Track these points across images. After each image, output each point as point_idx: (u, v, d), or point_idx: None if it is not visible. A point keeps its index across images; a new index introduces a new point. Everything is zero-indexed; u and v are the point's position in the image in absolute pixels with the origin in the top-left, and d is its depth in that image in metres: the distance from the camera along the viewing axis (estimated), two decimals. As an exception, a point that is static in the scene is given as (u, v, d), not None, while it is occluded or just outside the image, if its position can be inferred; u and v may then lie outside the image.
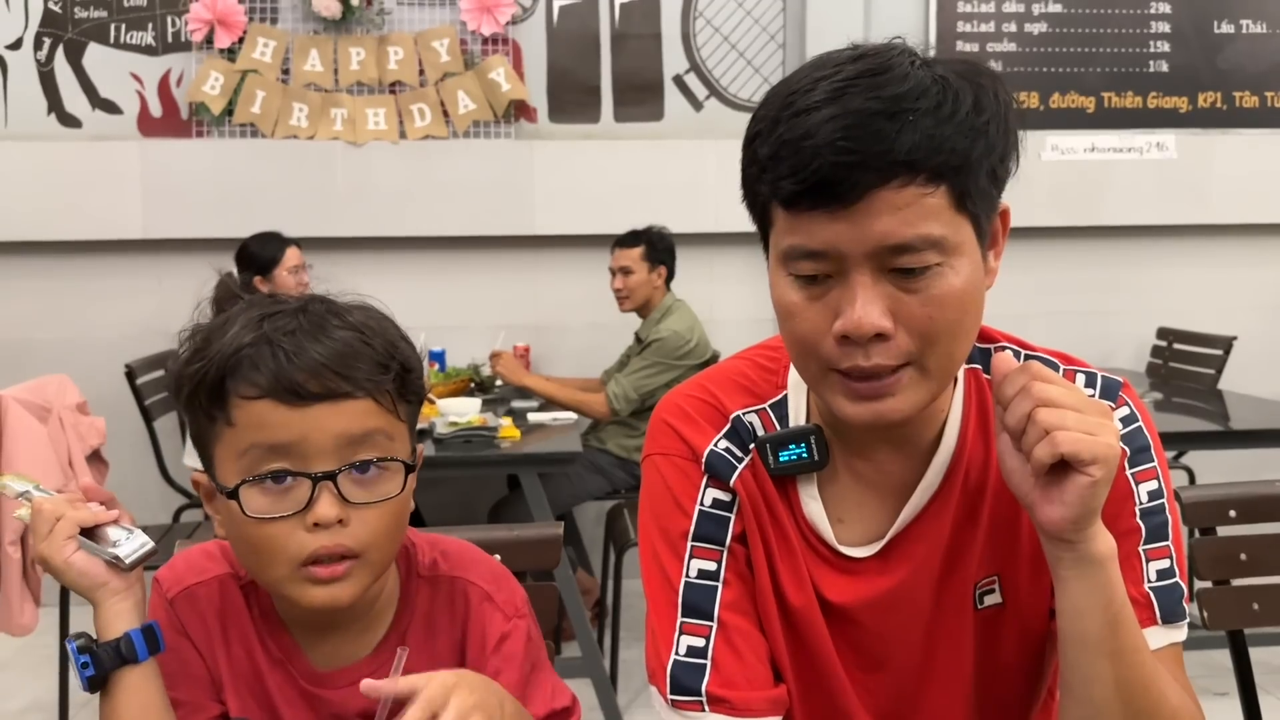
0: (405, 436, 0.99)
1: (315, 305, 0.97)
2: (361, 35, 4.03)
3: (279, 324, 0.94)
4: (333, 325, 0.95)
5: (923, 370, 0.88)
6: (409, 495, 0.98)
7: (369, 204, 4.03)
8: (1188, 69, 4.28)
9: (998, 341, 1.02)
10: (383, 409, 0.95)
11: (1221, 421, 3.42)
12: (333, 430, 0.92)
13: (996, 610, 1.00)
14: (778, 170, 0.85)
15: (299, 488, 0.92)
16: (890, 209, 0.83)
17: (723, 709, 0.95)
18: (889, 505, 0.99)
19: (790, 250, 0.88)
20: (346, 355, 0.93)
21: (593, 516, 3.99)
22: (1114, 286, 4.35)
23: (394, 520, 0.96)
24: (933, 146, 0.83)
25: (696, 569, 0.99)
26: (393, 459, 0.95)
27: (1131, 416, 0.98)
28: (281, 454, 0.92)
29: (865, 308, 0.85)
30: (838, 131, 0.82)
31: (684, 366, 3.51)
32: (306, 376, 0.91)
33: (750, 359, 1.07)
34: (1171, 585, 0.96)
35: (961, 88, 0.86)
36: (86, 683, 0.96)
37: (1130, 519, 0.96)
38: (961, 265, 0.87)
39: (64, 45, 3.98)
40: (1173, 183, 4.26)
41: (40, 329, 4.01)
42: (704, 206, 4.09)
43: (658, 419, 1.05)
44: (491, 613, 1.03)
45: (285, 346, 0.92)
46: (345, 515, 0.92)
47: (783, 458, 0.98)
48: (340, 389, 0.92)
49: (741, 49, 4.22)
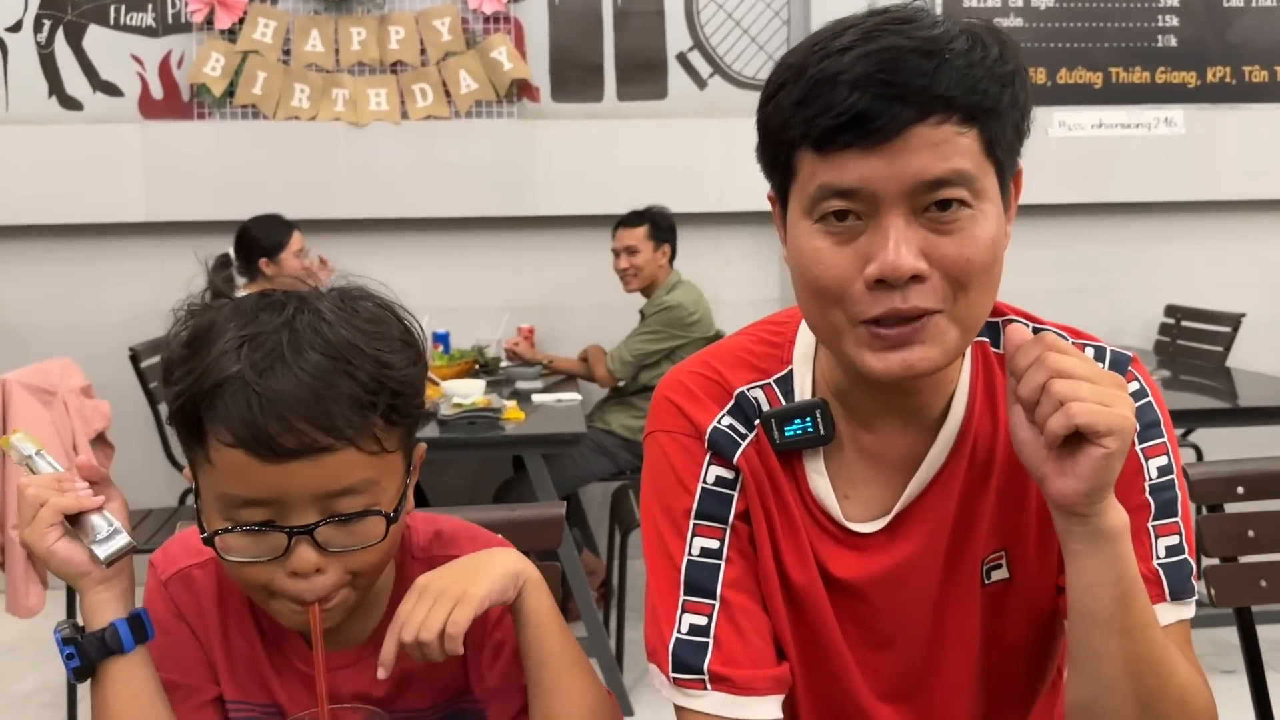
0: (396, 470, 0.94)
1: (302, 319, 0.89)
2: (362, 15, 4.00)
3: (258, 355, 0.87)
4: (315, 351, 0.87)
5: (953, 319, 0.86)
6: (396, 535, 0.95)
7: (371, 185, 4.01)
8: (1196, 43, 4.24)
9: (1006, 315, 1.01)
10: (366, 454, 0.89)
11: (1229, 399, 3.40)
12: (310, 484, 0.87)
13: (1003, 585, 0.99)
14: (810, 109, 0.84)
15: (276, 536, 0.89)
16: (927, 145, 0.82)
17: (725, 687, 0.95)
18: (895, 480, 0.98)
19: (820, 190, 0.85)
20: (326, 399, 0.86)
21: (598, 497, 3.99)
22: (1121, 263, 4.32)
23: (378, 558, 0.93)
24: (967, 86, 0.83)
25: (699, 547, 0.98)
26: (373, 510, 0.90)
27: (1141, 391, 0.97)
28: (258, 505, 0.88)
29: (901, 248, 0.83)
30: (875, 66, 0.82)
31: (685, 338, 3.55)
32: (281, 429, 0.85)
33: (754, 334, 1.05)
34: (1180, 562, 0.95)
35: (987, 38, 0.86)
36: (73, 673, 0.94)
37: (1140, 494, 0.95)
38: (990, 211, 0.86)
39: (64, 27, 3.96)
40: (1181, 159, 4.23)
41: (43, 313, 4.01)
42: (708, 186, 4.08)
43: (660, 396, 1.04)
44: None
45: (260, 390, 0.85)
46: (324, 562, 0.89)
47: (788, 432, 0.97)
48: (318, 443, 0.86)
49: (746, 26, 4.18)
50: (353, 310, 0.93)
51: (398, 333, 0.94)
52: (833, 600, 0.99)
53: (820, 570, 0.99)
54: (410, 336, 0.96)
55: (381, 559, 0.94)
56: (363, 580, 0.94)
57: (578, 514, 3.79)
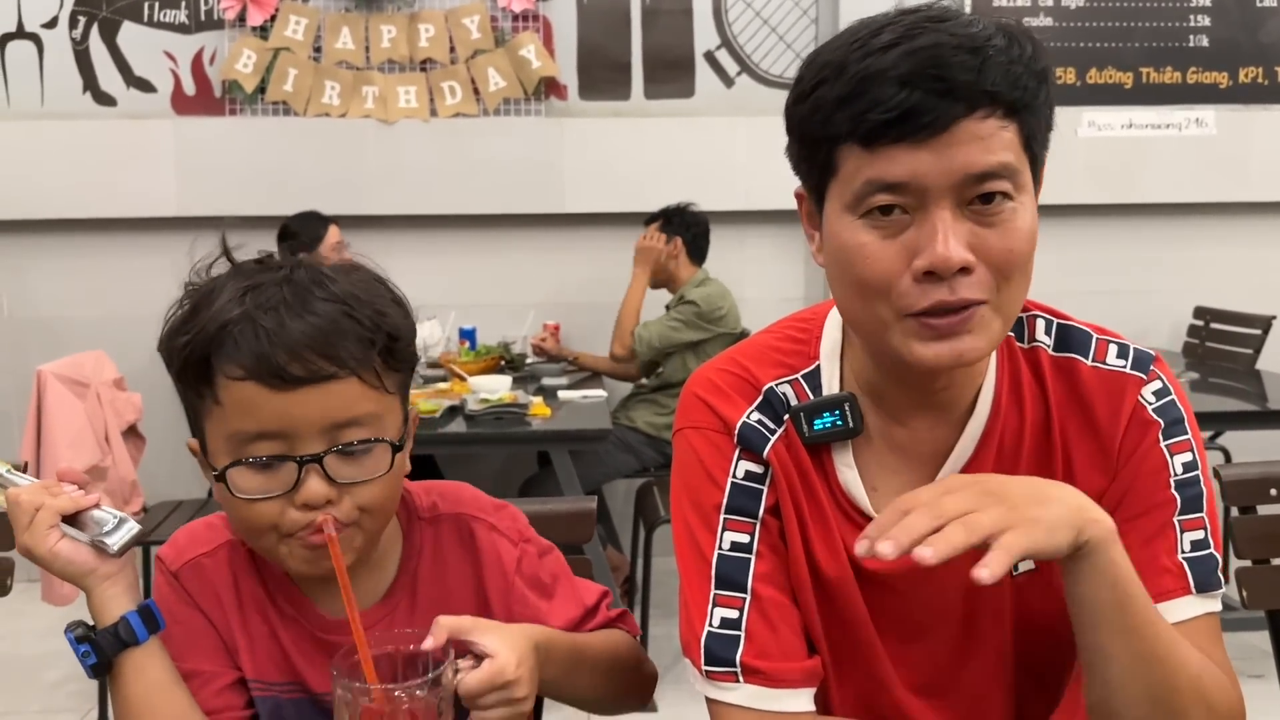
0: (395, 409, 0.98)
1: (300, 273, 0.95)
2: (393, 13, 4.03)
3: (262, 298, 0.92)
4: (317, 298, 0.93)
5: (998, 309, 0.88)
6: (401, 466, 0.98)
7: (400, 182, 4.04)
8: (1228, 43, 4.20)
9: (1030, 310, 1.02)
10: (369, 387, 0.94)
11: (1259, 401, 3.37)
12: (318, 413, 0.91)
13: (1030, 576, 1.00)
14: (856, 105, 0.85)
15: (286, 469, 0.91)
16: (974, 139, 0.85)
17: (758, 680, 0.96)
18: (924, 472, 0.99)
19: (867, 184, 0.87)
20: (330, 333, 0.91)
21: (622, 494, 4.00)
22: (1151, 265, 4.29)
23: (385, 493, 0.96)
24: (1010, 81, 0.85)
25: (729, 541, 0.99)
26: (380, 440, 0.94)
27: (1164, 390, 0.98)
28: (268, 437, 0.91)
29: (950, 241, 0.85)
30: (922, 63, 0.83)
31: (711, 332, 3.56)
32: (289, 359, 0.89)
33: (780, 332, 1.07)
34: (1206, 556, 0.95)
35: (1021, 36, 0.88)
36: (90, 670, 0.96)
37: (1165, 490, 0.96)
38: (1028, 203, 0.89)
39: (99, 24, 4.01)
40: (1212, 159, 4.19)
41: (77, 306, 4.06)
42: (735, 184, 4.08)
43: (688, 393, 1.05)
44: (499, 540, 1.06)
45: (267, 325, 0.90)
46: (334, 494, 0.92)
47: (817, 425, 0.99)
48: (324, 371, 0.91)
49: (774, 24, 4.18)
50: (346, 273, 0.98)
51: (387, 292, 1.00)
52: (866, 592, 1.00)
53: (851, 561, 0.99)
54: (399, 298, 1.01)
55: (387, 495, 0.96)
56: (369, 520, 0.95)
57: (602, 510, 3.80)
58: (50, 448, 2.92)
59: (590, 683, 1.08)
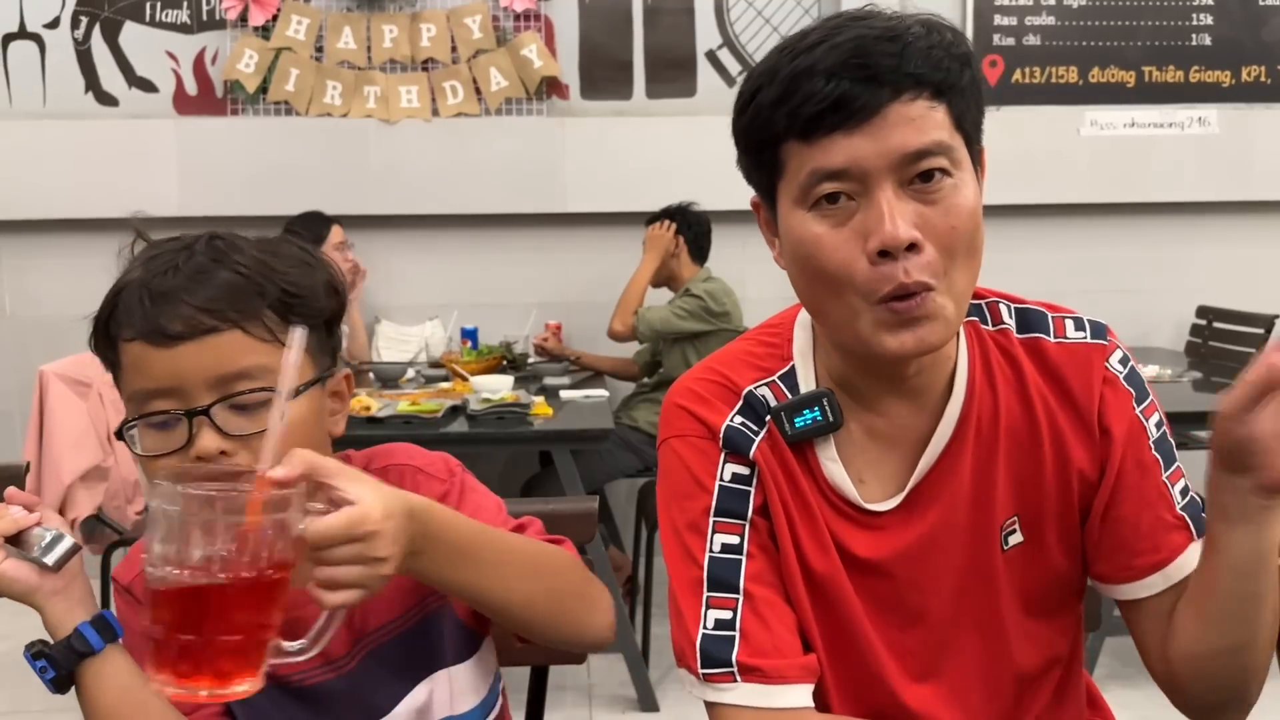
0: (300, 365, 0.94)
1: (200, 244, 0.97)
2: (394, 12, 4.03)
3: (156, 265, 0.96)
4: (209, 261, 0.95)
5: (949, 292, 0.91)
6: (312, 416, 0.98)
7: (402, 182, 4.04)
8: (1231, 42, 4.20)
9: (989, 297, 1.06)
10: (257, 340, 0.94)
11: (1262, 401, 3.36)
12: (203, 367, 0.92)
13: (1020, 549, 1.03)
14: (792, 102, 0.90)
15: (180, 426, 0.93)
16: (905, 120, 0.89)
17: (755, 678, 0.96)
18: (906, 459, 1.02)
19: (811, 175, 0.91)
20: (211, 289, 0.93)
21: (624, 494, 4.01)
22: (1153, 264, 4.28)
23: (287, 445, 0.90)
24: (932, 64, 0.90)
25: (720, 544, 1.00)
26: (269, 388, 0.92)
27: (1125, 357, 1.03)
28: (161, 395, 0.93)
29: (896, 218, 0.89)
30: (846, 54, 0.89)
31: (713, 326, 3.57)
32: (170, 316, 0.92)
33: (752, 339, 1.10)
34: (1192, 500, 1.02)
35: (940, 26, 0.94)
36: (52, 685, 0.95)
37: (1149, 452, 1.01)
38: (968, 180, 0.93)
39: (100, 24, 4.01)
40: (1214, 158, 4.19)
41: (80, 305, 4.01)
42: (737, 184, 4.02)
43: (670, 404, 1.07)
44: (426, 480, 1.06)
45: (154, 287, 0.94)
46: (229, 447, 0.92)
47: (798, 423, 1.01)
48: (203, 324, 0.92)
49: (776, 23, 4.18)
50: (256, 243, 1.00)
51: (297, 252, 1.01)
52: (858, 583, 1.01)
53: (842, 553, 1.01)
54: (311, 260, 1.01)
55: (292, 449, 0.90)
56: None
57: (604, 510, 3.80)
58: (52, 448, 2.92)
59: (517, 586, 0.99)
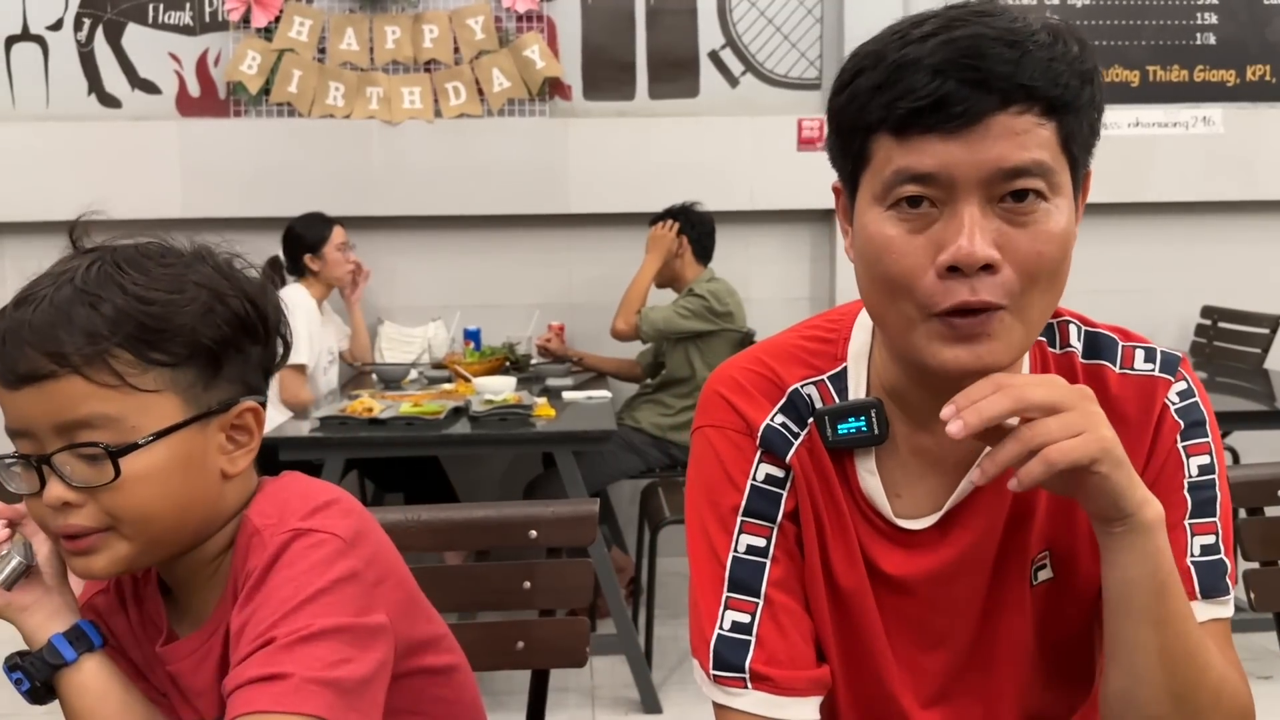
0: (162, 414, 0.90)
1: (80, 273, 0.90)
2: (397, 13, 4.03)
3: (28, 293, 0.91)
4: (75, 293, 0.88)
5: (1019, 315, 0.86)
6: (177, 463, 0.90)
7: (404, 183, 4.04)
8: (1236, 41, 4.18)
9: (1061, 316, 1.01)
10: (99, 386, 0.87)
11: (1267, 401, 3.36)
12: (44, 414, 0.88)
13: (1049, 585, 0.99)
14: (890, 94, 0.84)
15: (30, 469, 0.90)
16: (1007, 133, 0.82)
17: (765, 686, 0.94)
18: (947, 479, 0.97)
19: (897, 174, 0.85)
20: (56, 326, 0.87)
21: (627, 495, 4.00)
22: (1158, 264, 4.27)
23: (137, 499, 0.89)
24: (1050, 78, 0.83)
25: (745, 544, 0.97)
26: (96, 444, 0.87)
27: (1189, 391, 0.97)
28: (19, 436, 0.90)
29: (976, 235, 0.83)
30: (958, 53, 0.82)
31: (715, 325, 3.56)
32: (16, 356, 0.88)
33: (807, 331, 1.05)
34: (1215, 561, 0.94)
35: (1067, 34, 0.86)
36: (29, 697, 0.95)
37: (1178, 492, 0.95)
38: (1063, 206, 0.86)
39: (103, 26, 4.01)
40: (1219, 158, 4.17)
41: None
42: (739, 185, 4.07)
43: (710, 390, 1.03)
44: (259, 547, 0.91)
45: (7, 322, 0.89)
46: (76, 498, 0.89)
47: (841, 430, 0.96)
48: (42, 369, 0.87)
49: (779, 24, 4.17)
50: (153, 255, 0.93)
51: (195, 277, 0.92)
52: (883, 600, 0.98)
53: (870, 568, 0.98)
54: (220, 285, 0.93)
55: (141, 503, 0.89)
56: (129, 529, 0.90)
57: (607, 511, 3.80)
58: None
59: None
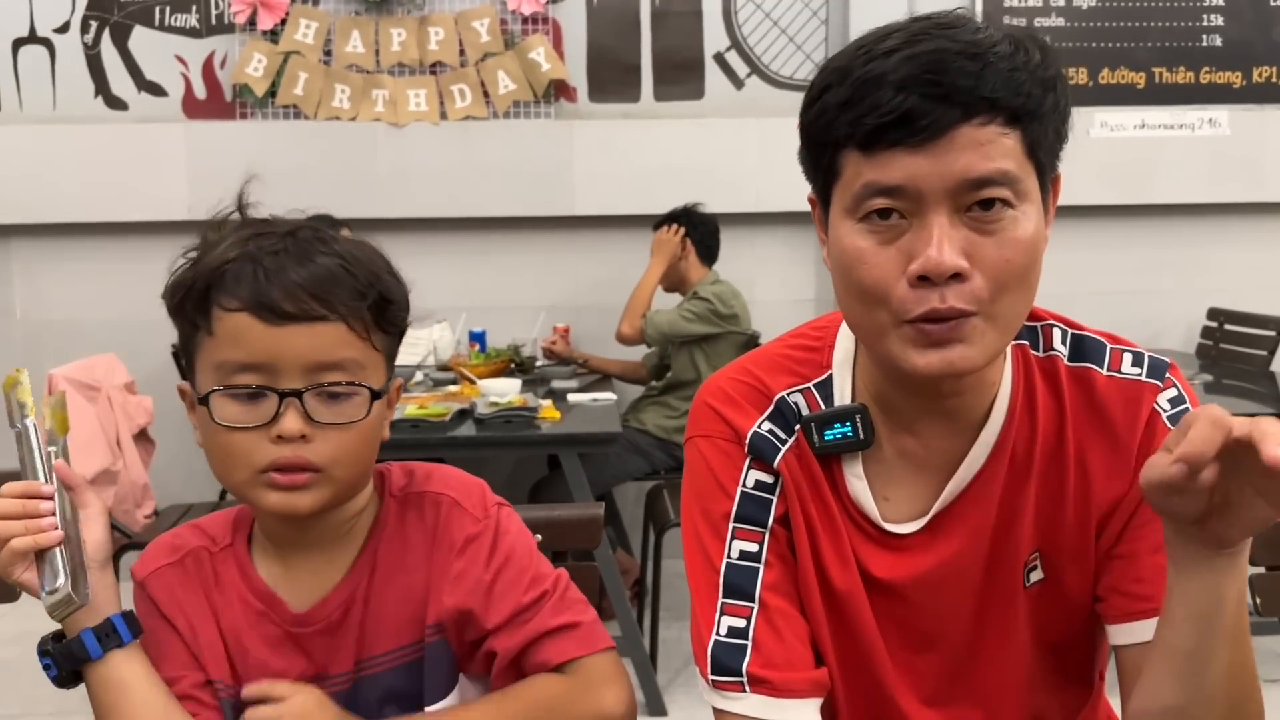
0: (379, 365, 1.01)
1: (304, 232, 1.00)
2: (402, 16, 4.04)
3: (265, 244, 0.98)
4: (318, 251, 0.98)
5: (991, 320, 0.87)
6: (377, 421, 1.01)
7: (410, 185, 4.04)
8: (1242, 43, 4.18)
9: (1045, 320, 1.01)
10: (355, 335, 0.98)
11: (1274, 404, 3.34)
12: (304, 351, 0.95)
13: (1042, 586, 1.00)
14: (856, 110, 0.86)
15: (267, 402, 0.95)
16: (971, 145, 0.84)
17: (764, 689, 0.95)
18: (934, 482, 0.99)
19: (865, 188, 0.87)
20: (325, 280, 0.96)
21: (632, 497, 4.00)
22: (1164, 266, 4.27)
23: (359, 442, 0.99)
24: (1012, 88, 0.85)
25: (738, 550, 0.99)
26: (359, 384, 0.97)
27: (1179, 398, 0.98)
28: (254, 370, 0.95)
29: (944, 245, 0.84)
30: (921, 67, 0.84)
31: (720, 328, 3.57)
32: (283, 296, 0.94)
33: (793, 340, 1.07)
34: None
35: (1029, 43, 0.88)
36: (56, 682, 0.99)
37: None
38: (1031, 213, 0.88)
39: (110, 28, 4.02)
40: (1225, 160, 4.17)
41: (88, 309, 4.07)
42: (745, 186, 4.07)
43: (700, 402, 1.05)
44: (459, 517, 1.05)
45: (267, 265, 0.96)
46: (309, 432, 0.95)
47: (828, 436, 0.98)
48: (314, 311, 0.95)
49: (784, 26, 4.17)
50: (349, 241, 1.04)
51: (385, 264, 1.05)
52: (874, 602, 0.99)
53: (861, 572, 0.99)
54: (395, 271, 1.05)
55: (360, 446, 0.99)
56: (339, 469, 0.97)
57: (612, 513, 3.80)
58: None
59: None
